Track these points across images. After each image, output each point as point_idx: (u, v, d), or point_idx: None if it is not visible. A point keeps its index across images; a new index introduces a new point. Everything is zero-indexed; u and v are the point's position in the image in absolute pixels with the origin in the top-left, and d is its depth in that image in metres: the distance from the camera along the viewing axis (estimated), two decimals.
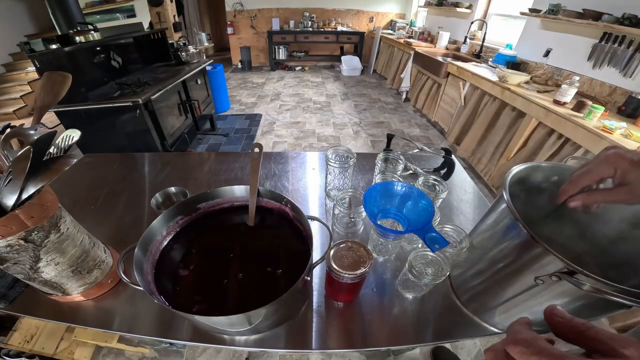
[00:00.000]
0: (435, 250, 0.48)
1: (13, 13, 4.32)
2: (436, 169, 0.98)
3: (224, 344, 0.54)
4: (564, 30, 2.26)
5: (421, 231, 0.50)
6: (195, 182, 0.95)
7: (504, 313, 0.51)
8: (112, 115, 1.94)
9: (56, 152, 0.49)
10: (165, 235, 0.57)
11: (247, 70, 6.01)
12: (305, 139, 3.22)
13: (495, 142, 2.32)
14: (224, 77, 3.60)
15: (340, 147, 0.79)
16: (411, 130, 3.46)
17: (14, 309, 0.58)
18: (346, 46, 6.13)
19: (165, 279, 0.52)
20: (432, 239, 0.49)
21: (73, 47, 1.84)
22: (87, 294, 0.58)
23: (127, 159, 1.09)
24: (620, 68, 1.85)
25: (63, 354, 1.17)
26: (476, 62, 2.98)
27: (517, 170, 0.50)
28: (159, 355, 1.29)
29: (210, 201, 0.62)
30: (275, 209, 0.63)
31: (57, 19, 2.73)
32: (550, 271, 0.37)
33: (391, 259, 0.69)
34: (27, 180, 0.41)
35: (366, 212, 0.56)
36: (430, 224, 0.51)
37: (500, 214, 0.47)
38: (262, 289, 0.52)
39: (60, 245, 0.49)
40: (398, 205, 0.62)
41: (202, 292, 0.51)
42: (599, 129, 1.52)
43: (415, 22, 5.32)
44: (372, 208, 0.59)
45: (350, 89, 4.86)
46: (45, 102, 0.61)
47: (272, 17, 5.68)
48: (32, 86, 3.99)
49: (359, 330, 0.55)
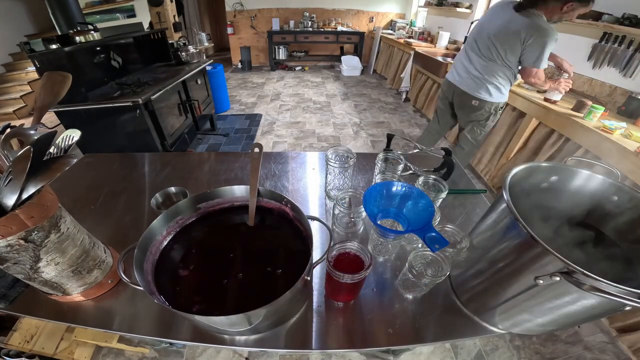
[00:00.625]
0: (435, 250, 0.48)
1: (13, 13, 4.32)
2: (436, 169, 0.98)
3: (224, 344, 0.54)
4: (564, 30, 2.26)
5: (421, 231, 0.50)
6: (195, 182, 0.95)
7: (504, 313, 0.51)
8: (112, 115, 1.94)
9: (56, 152, 0.49)
10: (165, 235, 0.57)
11: (247, 70, 6.01)
12: (305, 139, 3.22)
13: (495, 142, 2.32)
14: (224, 77, 3.60)
15: (340, 147, 0.79)
16: (411, 130, 3.46)
17: (14, 309, 0.58)
18: (346, 46, 6.13)
19: (165, 278, 0.52)
20: (432, 238, 0.49)
21: (73, 47, 1.84)
22: (87, 294, 0.58)
23: (127, 159, 1.09)
24: (620, 68, 1.85)
25: (63, 354, 1.17)
26: None
27: (517, 170, 0.50)
28: (159, 355, 1.29)
29: (210, 201, 0.62)
30: (275, 208, 0.63)
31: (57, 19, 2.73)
32: (550, 271, 0.37)
33: (391, 258, 0.70)
34: (27, 180, 0.41)
35: (366, 212, 0.56)
36: (430, 223, 0.51)
37: (500, 214, 0.47)
38: (262, 289, 0.52)
39: (60, 245, 0.49)
40: (398, 205, 0.62)
41: (202, 292, 0.51)
42: (599, 129, 1.52)
43: (415, 22, 5.31)
44: (372, 208, 0.59)
45: (350, 89, 4.86)
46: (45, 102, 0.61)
47: (272, 17, 5.68)
48: (32, 86, 3.99)
49: (359, 330, 0.55)
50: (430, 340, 0.55)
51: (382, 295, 0.62)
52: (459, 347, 1.35)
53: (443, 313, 0.59)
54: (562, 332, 1.40)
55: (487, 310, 0.55)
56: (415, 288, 0.60)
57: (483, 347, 1.35)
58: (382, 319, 0.57)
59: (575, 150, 1.68)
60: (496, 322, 0.55)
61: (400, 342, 0.54)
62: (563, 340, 1.37)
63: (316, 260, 0.53)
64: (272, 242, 0.61)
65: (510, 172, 0.49)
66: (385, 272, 0.66)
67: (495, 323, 0.55)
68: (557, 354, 1.33)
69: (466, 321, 0.58)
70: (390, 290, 0.63)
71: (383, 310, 0.59)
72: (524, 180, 0.52)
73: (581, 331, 1.41)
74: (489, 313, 0.55)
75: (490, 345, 1.35)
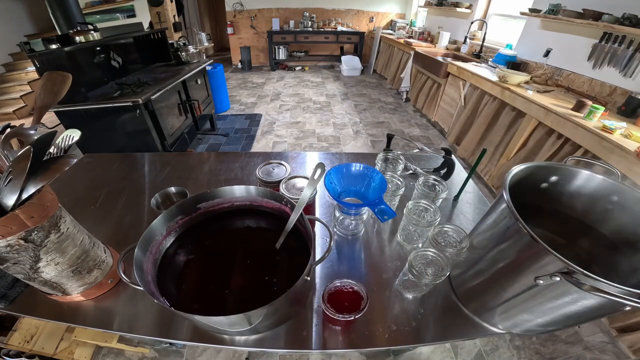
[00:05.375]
0: (383, 220, 0.53)
1: (13, 13, 4.32)
2: (436, 169, 0.98)
3: (224, 344, 0.54)
4: (564, 30, 2.26)
5: (373, 204, 0.56)
6: (195, 182, 0.95)
7: (504, 313, 0.51)
8: (112, 115, 1.94)
9: (56, 152, 0.49)
10: (165, 235, 0.57)
11: (247, 70, 6.01)
12: (305, 139, 3.22)
13: (495, 142, 2.32)
14: (224, 77, 3.59)
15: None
16: (411, 130, 3.46)
17: (14, 309, 0.58)
18: (346, 46, 6.13)
19: (165, 278, 0.52)
20: (381, 210, 0.54)
21: (73, 47, 1.83)
22: (87, 294, 0.58)
23: (127, 159, 1.09)
24: (620, 68, 1.84)
25: (63, 354, 1.17)
26: (476, 62, 2.98)
27: (517, 170, 0.50)
28: (159, 355, 1.29)
29: (210, 201, 0.62)
30: (275, 209, 0.63)
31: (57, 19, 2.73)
32: (550, 271, 0.37)
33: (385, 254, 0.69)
34: (27, 180, 0.41)
35: (328, 190, 0.61)
36: (381, 197, 0.57)
37: (500, 214, 0.47)
38: (262, 289, 0.51)
39: (60, 245, 0.49)
40: (359, 185, 0.68)
41: (202, 292, 0.51)
42: (599, 129, 1.52)
43: (415, 22, 5.31)
44: (335, 188, 0.65)
45: (350, 89, 4.86)
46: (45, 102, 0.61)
47: (272, 17, 5.68)
48: (32, 86, 3.99)
49: (359, 330, 0.55)
50: (430, 340, 0.55)
51: (382, 295, 0.62)
52: (459, 347, 1.35)
53: (443, 313, 0.59)
54: (562, 332, 1.40)
55: (487, 311, 0.55)
56: (416, 288, 0.60)
57: (483, 347, 1.35)
58: (382, 319, 0.57)
59: (575, 150, 1.68)
60: (496, 322, 0.55)
61: (400, 342, 0.54)
62: (563, 340, 1.37)
63: (316, 260, 0.53)
64: (272, 242, 0.61)
65: (510, 172, 0.49)
66: (386, 272, 0.66)
67: (496, 323, 0.55)
68: (557, 354, 1.33)
69: (466, 321, 0.58)
70: (390, 290, 0.63)
71: (383, 310, 0.59)
72: (524, 180, 0.52)
73: (581, 331, 1.41)
74: (489, 313, 0.55)
75: (490, 345, 1.35)
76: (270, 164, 0.81)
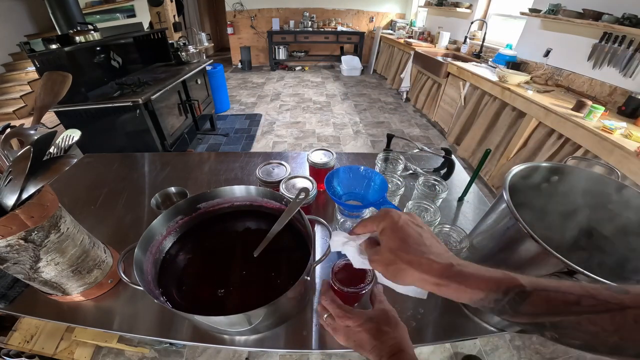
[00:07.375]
0: None
1: (13, 13, 4.32)
2: (436, 169, 0.98)
3: (224, 344, 0.54)
4: (564, 30, 2.26)
5: (377, 205, 0.55)
6: (195, 182, 0.95)
7: None
8: (112, 115, 1.94)
9: (56, 152, 0.49)
10: (165, 235, 0.57)
11: (247, 70, 6.01)
12: (305, 139, 3.22)
13: (495, 142, 2.32)
14: (224, 77, 3.60)
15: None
16: (411, 130, 3.46)
17: (14, 309, 0.58)
18: (346, 46, 6.13)
19: (165, 278, 0.52)
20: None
21: (73, 47, 1.83)
22: (87, 294, 0.58)
23: (127, 159, 1.09)
24: (620, 68, 1.84)
25: (63, 354, 1.17)
26: (476, 62, 2.98)
27: (517, 170, 0.50)
28: (159, 355, 1.29)
29: (210, 201, 0.62)
30: (275, 208, 0.63)
31: (57, 19, 2.73)
32: (550, 271, 0.37)
33: None
34: (27, 180, 0.41)
35: (329, 193, 0.59)
36: (384, 197, 0.56)
37: (500, 214, 0.47)
38: (262, 289, 0.51)
39: (60, 245, 0.49)
40: (360, 187, 0.67)
41: (202, 291, 0.51)
42: (599, 129, 1.52)
43: (415, 22, 5.31)
44: (336, 189, 0.63)
45: (350, 89, 4.86)
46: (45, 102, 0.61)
47: (272, 17, 5.68)
48: (32, 86, 3.99)
49: None
50: (430, 340, 0.55)
51: None
52: (459, 347, 1.35)
53: (443, 313, 0.59)
54: None
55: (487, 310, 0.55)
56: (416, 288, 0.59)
57: (483, 347, 1.35)
58: None
59: (575, 150, 1.68)
60: (496, 322, 0.55)
61: None
62: None
63: (316, 260, 0.53)
64: (272, 242, 0.60)
65: (510, 172, 0.49)
66: None
67: (495, 323, 0.55)
68: (557, 354, 1.33)
69: (466, 321, 0.57)
70: (390, 290, 0.62)
71: None
72: (524, 180, 0.52)
73: None
74: (489, 313, 0.55)
75: (490, 345, 1.35)
76: (270, 164, 0.81)
